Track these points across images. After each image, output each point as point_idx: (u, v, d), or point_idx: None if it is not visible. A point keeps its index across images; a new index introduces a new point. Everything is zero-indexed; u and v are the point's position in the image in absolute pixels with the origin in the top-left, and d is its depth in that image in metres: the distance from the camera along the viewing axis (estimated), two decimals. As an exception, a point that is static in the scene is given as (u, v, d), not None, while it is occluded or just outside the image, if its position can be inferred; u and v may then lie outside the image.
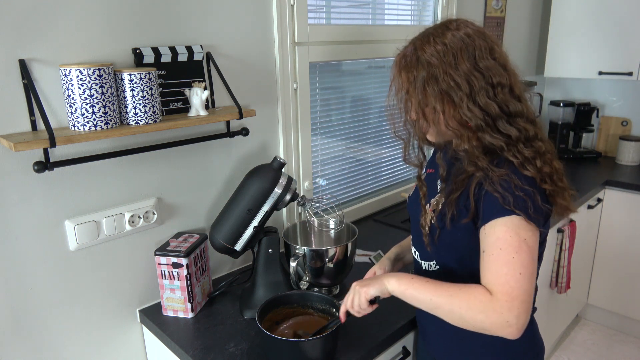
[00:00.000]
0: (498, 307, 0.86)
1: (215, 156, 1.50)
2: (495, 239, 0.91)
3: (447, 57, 0.93)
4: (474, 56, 0.94)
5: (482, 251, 0.94)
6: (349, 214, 2.00)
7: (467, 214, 0.97)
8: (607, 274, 2.70)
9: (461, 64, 0.93)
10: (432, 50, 0.95)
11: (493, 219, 0.92)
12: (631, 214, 2.53)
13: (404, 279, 1.00)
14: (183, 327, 1.29)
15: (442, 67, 0.94)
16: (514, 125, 0.95)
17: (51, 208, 1.18)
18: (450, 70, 0.93)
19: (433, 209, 1.07)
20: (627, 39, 2.56)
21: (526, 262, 0.88)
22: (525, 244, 0.89)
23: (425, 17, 2.23)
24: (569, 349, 2.67)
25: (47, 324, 1.23)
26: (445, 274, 1.08)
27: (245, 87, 1.52)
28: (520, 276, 0.87)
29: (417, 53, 0.96)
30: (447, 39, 0.95)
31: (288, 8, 1.56)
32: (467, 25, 0.97)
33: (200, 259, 1.37)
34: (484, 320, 0.87)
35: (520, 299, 0.86)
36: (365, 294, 1.02)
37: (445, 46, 0.94)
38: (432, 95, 0.95)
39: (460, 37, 0.94)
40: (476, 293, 0.89)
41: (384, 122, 2.14)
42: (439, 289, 0.95)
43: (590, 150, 2.97)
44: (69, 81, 1.06)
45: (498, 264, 0.89)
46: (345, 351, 1.16)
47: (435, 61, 0.94)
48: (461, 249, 1.01)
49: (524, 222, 0.90)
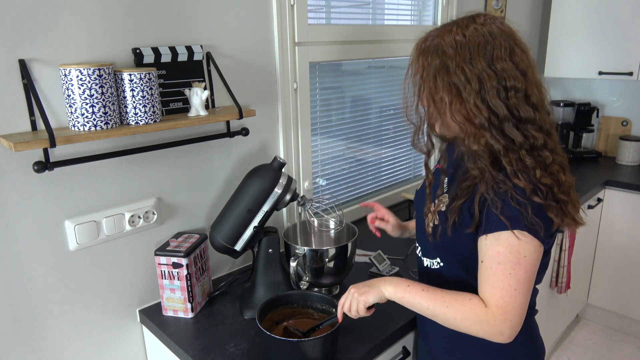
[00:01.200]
0: (492, 320, 0.90)
1: (215, 156, 1.50)
2: (495, 252, 0.91)
3: (463, 51, 0.92)
4: (492, 55, 0.92)
5: (481, 261, 0.94)
6: (349, 214, 2.00)
7: (471, 222, 0.96)
8: (607, 274, 2.70)
9: (476, 61, 0.91)
10: (451, 40, 0.93)
11: (495, 231, 0.91)
12: (631, 214, 2.53)
13: (401, 285, 1.01)
14: (183, 327, 1.29)
15: (455, 59, 0.92)
16: (521, 131, 0.92)
17: (51, 208, 1.18)
18: (463, 64, 0.91)
19: (437, 209, 1.06)
20: (627, 39, 2.56)
21: (522, 278, 0.90)
22: (525, 260, 0.90)
23: (425, 17, 2.23)
24: (569, 349, 2.67)
25: (47, 324, 1.23)
26: (447, 273, 1.08)
27: (245, 87, 1.52)
28: (515, 292, 0.90)
29: (437, 40, 0.95)
30: (468, 32, 0.93)
31: (288, 8, 1.56)
32: (494, 22, 0.95)
33: (200, 259, 1.37)
34: (478, 331, 0.92)
35: (514, 313, 0.90)
36: (364, 303, 1.04)
37: (464, 38, 0.92)
38: (442, 86, 0.94)
39: (482, 33, 0.92)
40: (471, 305, 0.92)
41: (384, 122, 2.14)
42: (435, 297, 0.96)
43: (590, 150, 2.97)
44: (69, 81, 1.06)
45: (495, 279, 0.91)
46: (345, 351, 1.16)
47: (450, 52, 0.93)
48: (463, 251, 1.01)
49: (526, 237, 0.90)
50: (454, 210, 0.99)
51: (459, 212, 0.99)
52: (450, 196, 1.03)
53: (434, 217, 1.06)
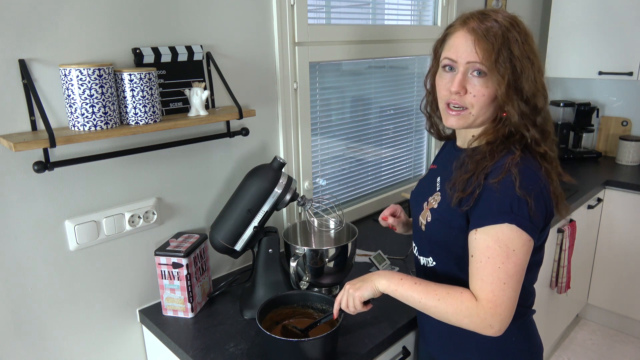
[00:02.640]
0: (482, 313, 0.91)
1: (215, 156, 1.50)
2: (485, 246, 0.92)
3: (521, 35, 0.96)
4: (532, 49, 0.98)
5: (471, 255, 0.95)
6: (349, 214, 2.00)
7: (470, 198, 0.96)
8: (607, 274, 2.70)
9: (531, 55, 0.96)
10: (515, 33, 0.96)
11: (485, 225, 0.92)
12: (631, 214, 2.53)
13: (394, 279, 1.02)
14: (183, 327, 1.29)
15: (519, 41, 0.96)
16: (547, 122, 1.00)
17: (51, 208, 1.18)
18: (528, 50, 0.96)
19: (430, 207, 1.07)
20: (627, 39, 2.56)
21: (512, 271, 0.91)
22: (514, 254, 0.91)
23: (425, 17, 2.23)
24: (569, 349, 2.67)
25: (47, 324, 1.23)
26: (442, 270, 1.09)
27: (245, 87, 1.52)
28: (505, 285, 0.91)
29: (502, 29, 0.96)
30: (524, 29, 0.98)
31: (288, 8, 1.56)
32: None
33: (200, 259, 1.37)
34: (468, 324, 0.93)
35: (504, 306, 0.91)
36: (359, 298, 1.06)
37: (526, 35, 0.97)
38: (512, 68, 0.95)
39: (524, 27, 0.99)
40: (462, 298, 0.93)
41: (384, 122, 2.14)
42: (426, 291, 0.98)
43: (590, 150, 2.97)
44: (69, 81, 1.06)
45: (485, 272, 0.92)
46: (345, 351, 1.16)
47: (520, 39, 0.96)
48: (456, 248, 1.02)
49: (516, 232, 0.90)
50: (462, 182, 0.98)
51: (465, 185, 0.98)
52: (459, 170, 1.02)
53: (427, 216, 1.07)
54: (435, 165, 1.19)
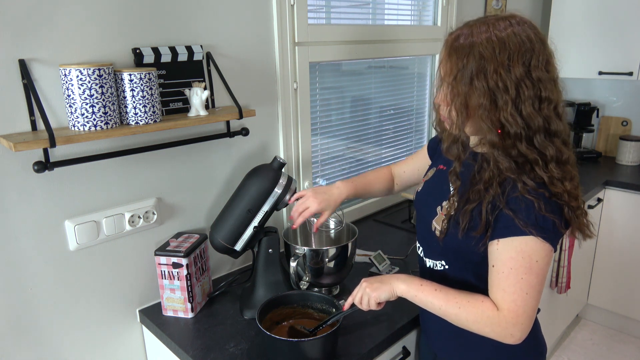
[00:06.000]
0: (504, 323, 0.91)
1: (215, 156, 1.50)
2: (508, 257, 0.91)
3: (501, 55, 0.88)
4: (529, 63, 0.89)
5: (492, 265, 0.94)
6: (349, 214, 2.00)
7: (478, 225, 0.96)
8: (607, 274, 2.70)
9: (515, 68, 0.88)
10: (488, 42, 0.88)
11: (509, 236, 0.91)
12: (631, 214, 2.53)
13: (414, 284, 1.01)
14: (183, 327, 1.29)
15: (493, 63, 0.88)
16: (552, 144, 0.92)
17: (51, 208, 1.18)
18: (502, 70, 0.88)
19: (445, 212, 1.05)
20: (627, 39, 2.56)
21: (534, 282, 0.91)
22: (537, 265, 0.91)
23: (425, 17, 2.23)
24: (569, 349, 2.67)
25: (47, 323, 1.23)
26: (454, 275, 1.07)
27: (245, 87, 1.52)
28: (527, 296, 0.90)
29: (472, 39, 0.90)
30: (504, 33, 0.89)
31: (288, 8, 1.56)
32: (531, 27, 0.92)
33: (200, 259, 1.37)
34: (489, 332, 0.93)
35: (525, 316, 0.91)
36: (375, 299, 1.05)
37: (502, 43, 0.88)
38: (478, 90, 0.90)
39: (520, 39, 0.89)
40: (484, 307, 0.93)
41: (384, 122, 2.14)
42: (447, 298, 0.97)
43: (591, 150, 2.97)
44: (68, 81, 1.06)
45: (507, 283, 0.91)
46: (345, 351, 1.16)
47: (488, 55, 0.88)
48: (473, 256, 1.01)
49: (539, 244, 0.90)
50: (465, 214, 0.98)
51: (470, 216, 0.97)
52: (460, 199, 1.01)
53: (443, 221, 1.05)
54: (444, 167, 1.14)
